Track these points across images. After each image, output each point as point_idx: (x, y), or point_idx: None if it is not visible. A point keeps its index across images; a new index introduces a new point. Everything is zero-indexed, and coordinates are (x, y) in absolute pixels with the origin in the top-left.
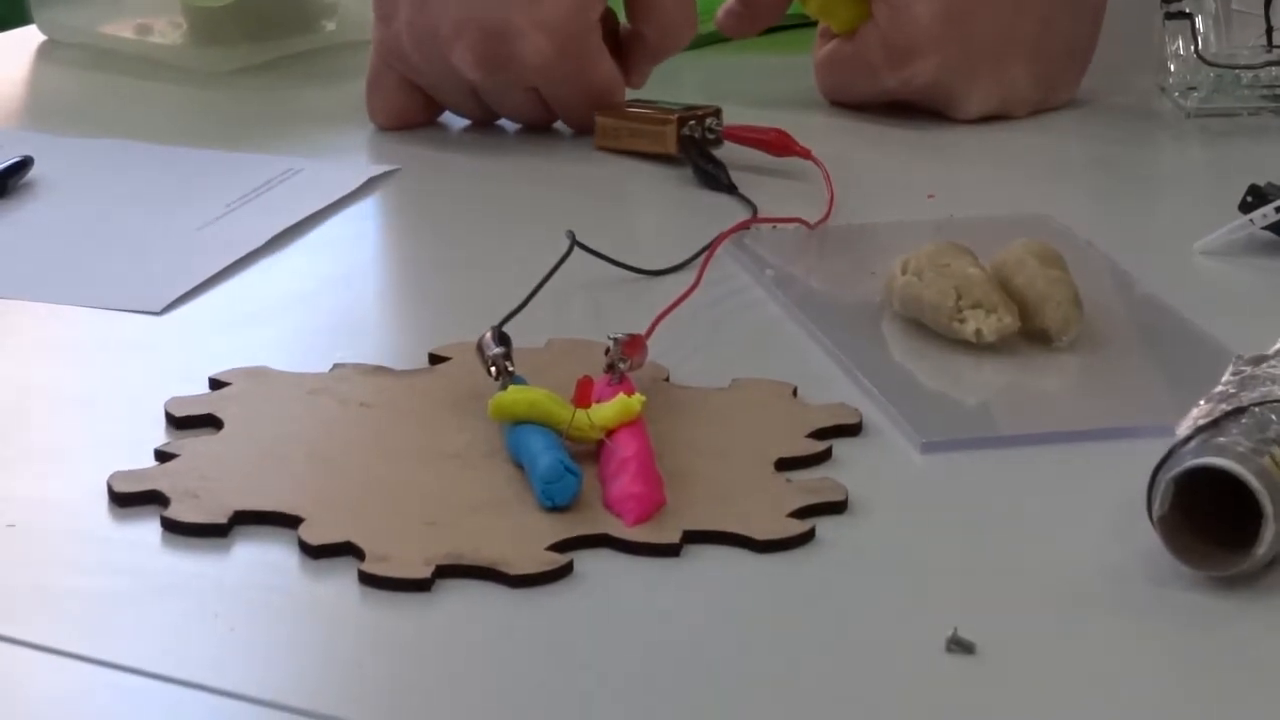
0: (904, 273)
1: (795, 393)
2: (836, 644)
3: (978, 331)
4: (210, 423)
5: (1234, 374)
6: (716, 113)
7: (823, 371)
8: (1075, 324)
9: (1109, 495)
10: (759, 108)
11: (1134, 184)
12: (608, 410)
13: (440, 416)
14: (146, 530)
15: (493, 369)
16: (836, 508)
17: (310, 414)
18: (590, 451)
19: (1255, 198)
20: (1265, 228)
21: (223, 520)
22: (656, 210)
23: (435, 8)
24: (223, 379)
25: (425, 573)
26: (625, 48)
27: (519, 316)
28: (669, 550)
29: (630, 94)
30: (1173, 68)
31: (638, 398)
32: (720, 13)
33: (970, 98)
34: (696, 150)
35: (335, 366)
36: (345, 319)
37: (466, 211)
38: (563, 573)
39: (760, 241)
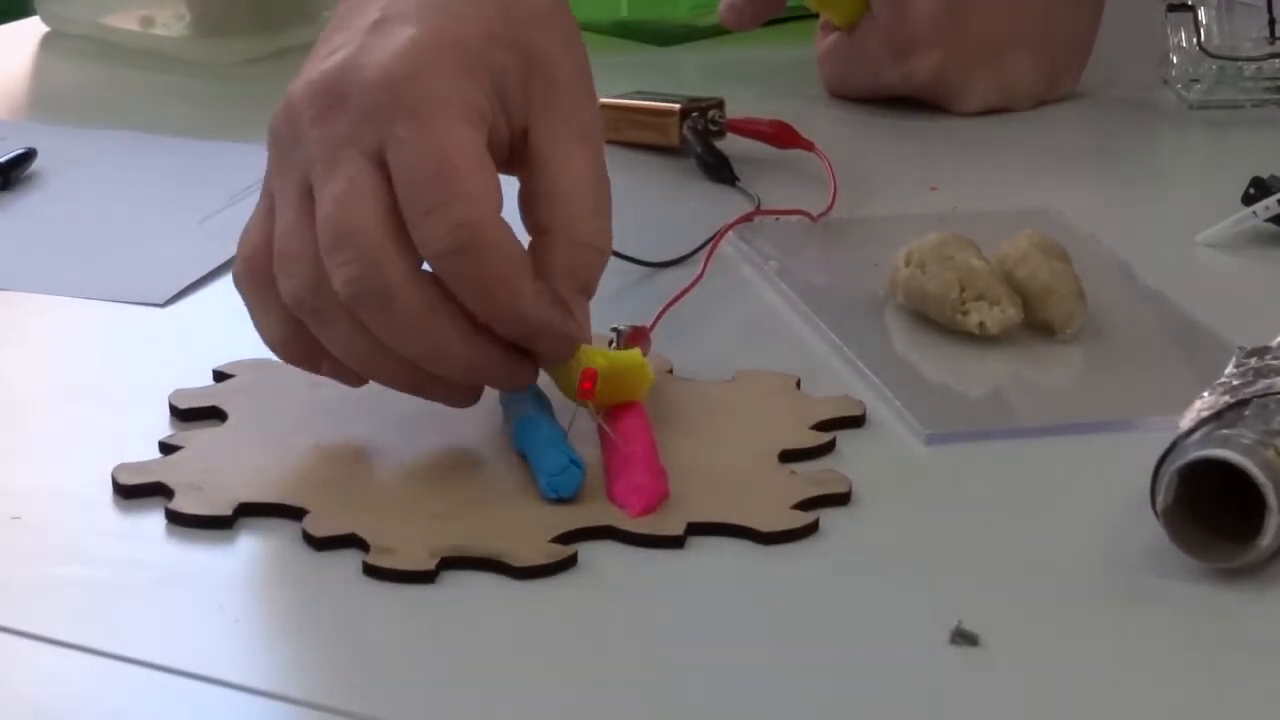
0: (907, 265)
1: (799, 385)
2: (840, 636)
3: (981, 324)
4: (214, 415)
5: (1237, 366)
6: (719, 104)
7: (826, 363)
8: (1078, 316)
9: (1113, 487)
10: (761, 99)
11: (1137, 176)
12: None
13: (444, 408)
14: (151, 522)
15: None
16: (840, 499)
17: (314, 406)
18: (594, 443)
19: (1258, 189)
20: (1268, 220)
21: (227, 512)
22: (659, 202)
23: None
24: (226, 371)
25: (429, 564)
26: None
27: None
28: (673, 542)
29: (633, 86)
30: (1175, 60)
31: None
32: (722, 6)
33: (971, 92)
34: (699, 142)
35: None
36: None
37: None
38: (567, 564)
39: (763, 234)
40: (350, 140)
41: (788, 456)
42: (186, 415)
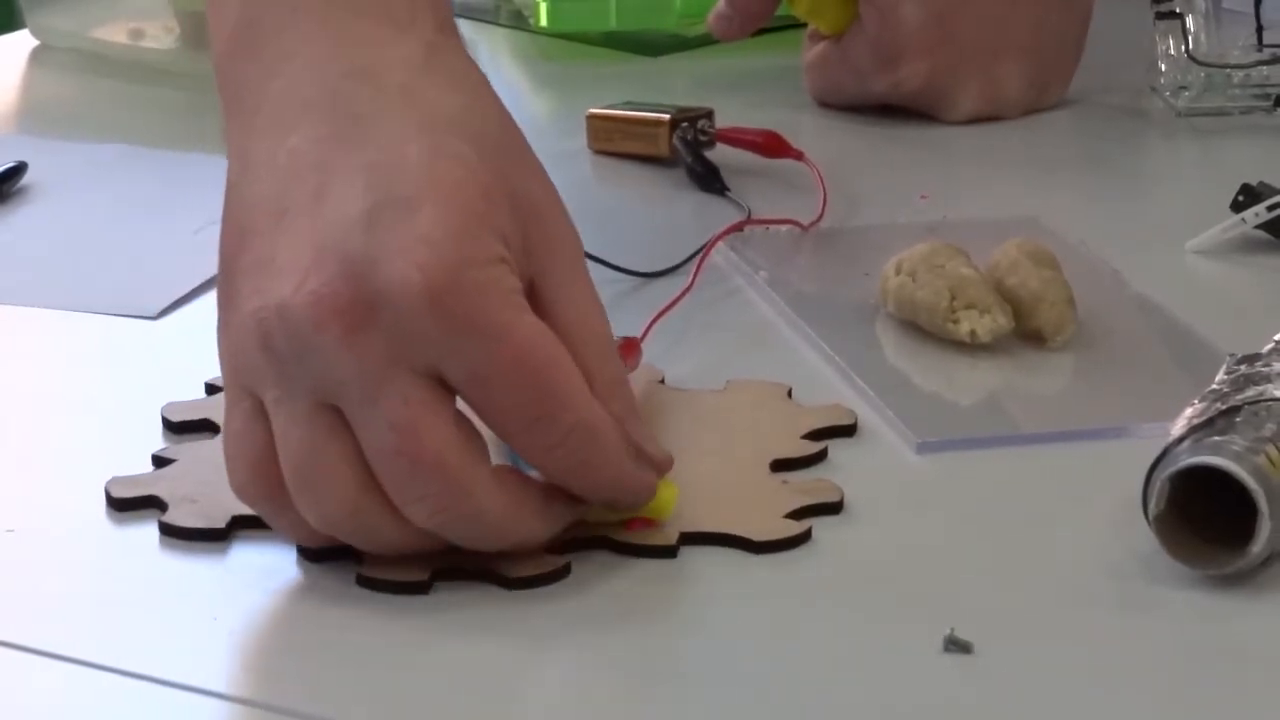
0: (898, 274)
1: (790, 394)
2: (833, 645)
3: (972, 332)
4: (207, 427)
5: (1228, 373)
6: (709, 114)
7: (817, 373)
8: (1069, 324)
9: (1104, 494)
10: (751, 109)
11: (1126, 184)
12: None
13: None
14: (145, 535)
15: None
16: (833, 509)
17: None
18: None
19: (1247, 197)
20: (1258, 227)
21: (221, 525)
22: (650, 212)
23: None
24: (219, 384)
25: (423, 576)
26: None
27: None
28: (666, 552)
29: (622, 96)
30: (1163, 67)
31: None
32: (711, 16)
33: (960, 100)
34: (689, 152)
35: None
36: None
37: None
38: (560, 575)
39: (753, 243)
40: (394, 359)
41: (779, 466)
42: (179, 428)
